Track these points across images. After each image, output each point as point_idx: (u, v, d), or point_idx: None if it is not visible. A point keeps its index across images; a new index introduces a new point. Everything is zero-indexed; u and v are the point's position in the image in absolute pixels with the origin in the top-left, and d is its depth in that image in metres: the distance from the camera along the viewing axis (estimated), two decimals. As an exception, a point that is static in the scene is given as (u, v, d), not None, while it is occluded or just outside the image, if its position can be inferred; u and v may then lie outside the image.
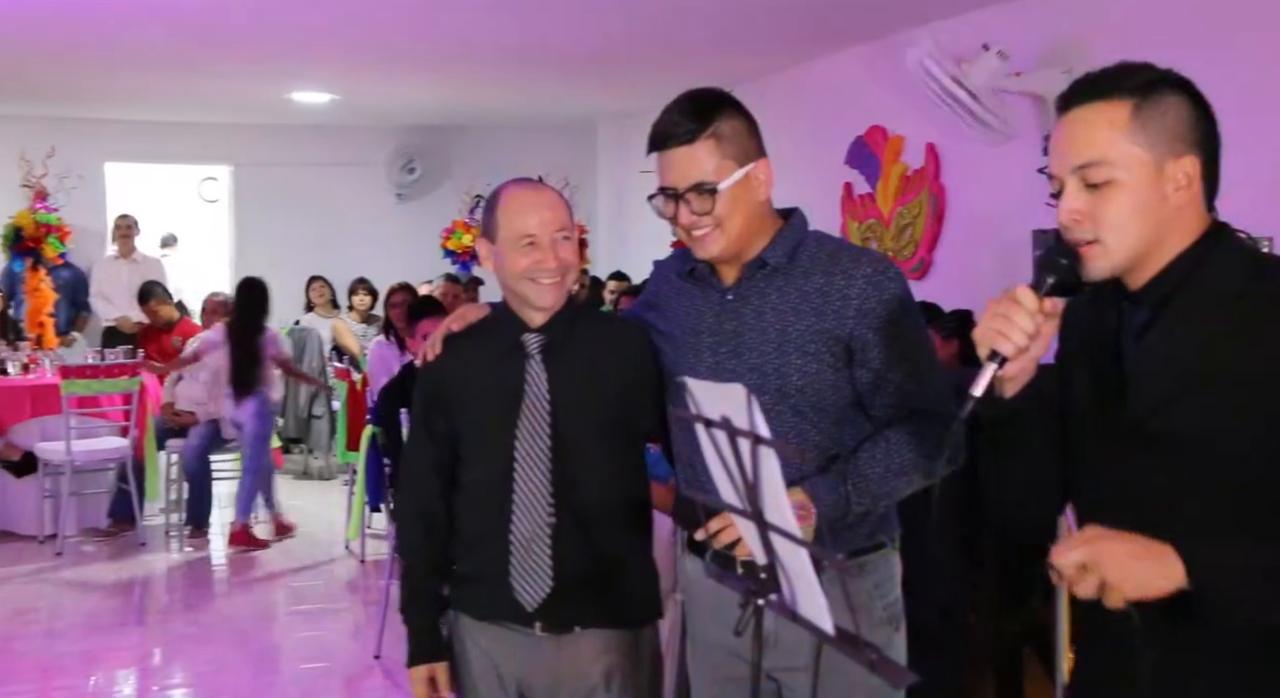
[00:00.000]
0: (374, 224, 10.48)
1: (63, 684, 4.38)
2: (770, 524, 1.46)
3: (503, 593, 2.10)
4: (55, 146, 7.19)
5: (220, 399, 6.54)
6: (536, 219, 2.10)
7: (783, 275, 1.99)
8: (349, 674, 4.58)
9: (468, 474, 2.18)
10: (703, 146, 1.94)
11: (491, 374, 2.15)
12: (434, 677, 2.17)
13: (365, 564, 6.01)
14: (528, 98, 8.64)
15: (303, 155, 10.27)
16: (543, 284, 2.11)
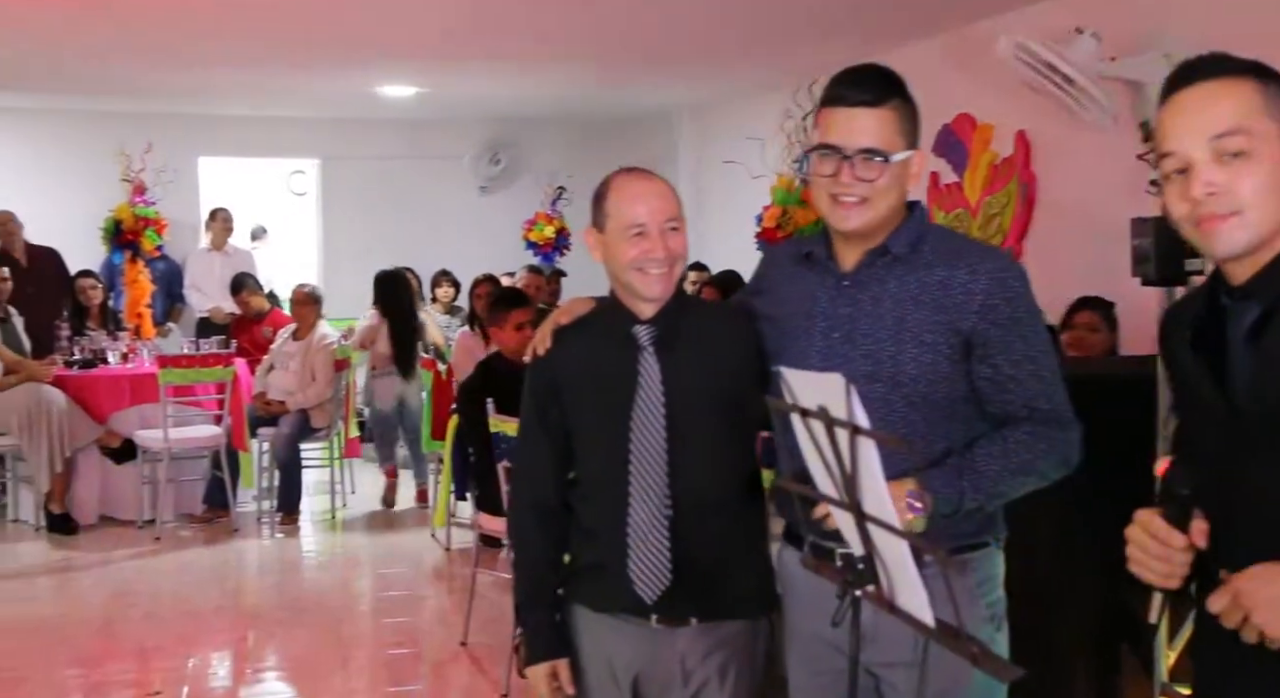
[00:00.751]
0: (457, 216, 10.60)
1: (161, 665, 4.50)
2: (868, 516, 1.45)
3: (620, 585, 2.10)
4: (152, 142, 7.37)
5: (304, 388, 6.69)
6: (645, 208, 2.08)
7: (904, 264, 1.96)
8: (436, 660, 4.64)
9: (583, 467, 2.18)
10: (886, 113, 1.92)
11: (604, 367, 2.14)
12: (556, 673, 2.17)
13: (450, 552, 6.08)
14: (608, 90, 8.66)
15: (388, 149, 10.42)
16: (651, 274, 2.08)
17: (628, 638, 2.14)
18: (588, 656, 2.17)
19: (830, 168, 1.93)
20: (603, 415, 2.13)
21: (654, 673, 2.14)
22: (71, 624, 4.94)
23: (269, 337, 7.56)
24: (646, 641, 2.13)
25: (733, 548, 2.14)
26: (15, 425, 6.13)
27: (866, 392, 1.86)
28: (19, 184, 8.99)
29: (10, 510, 6.57)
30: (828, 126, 1.95)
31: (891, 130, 1.93)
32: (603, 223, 2.13)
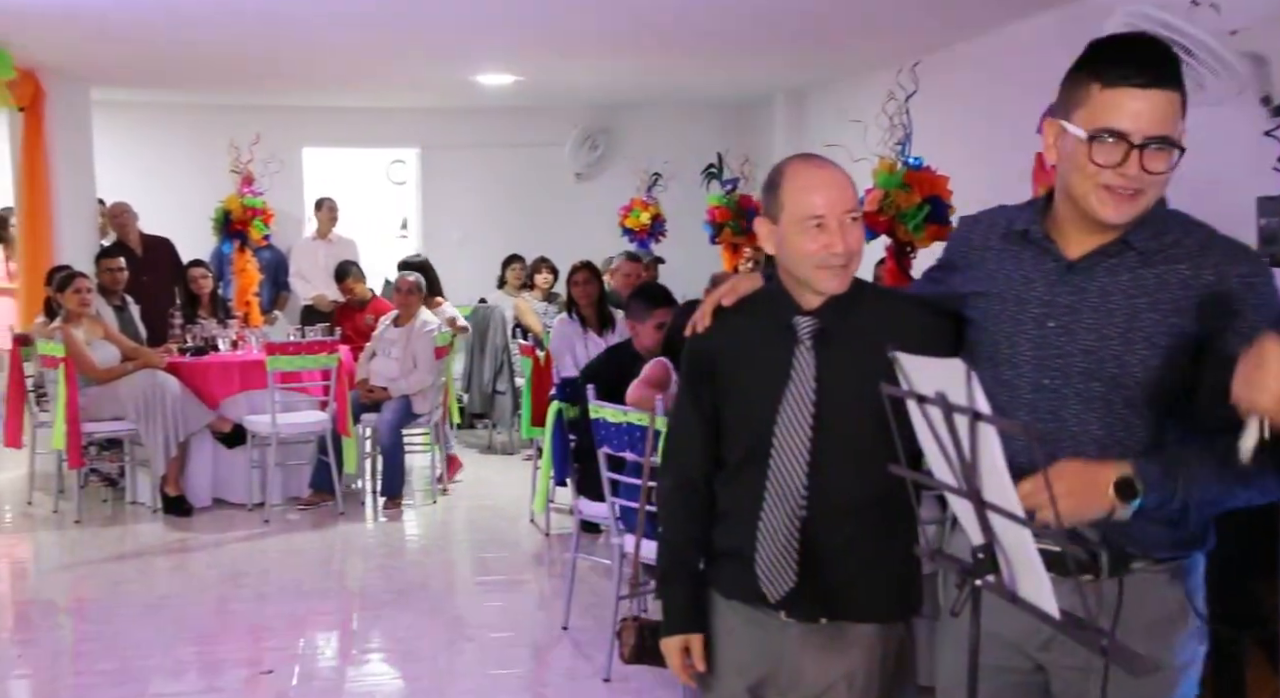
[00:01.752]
0: (554, 203, 10.69)
1: (273, 645, 4.63)
2: (989, 504, 1.42)
3: (749, 577, 2.08)
4: (260, 134, 7.57)
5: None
6: (824, 199, 1.99)
7: (1140, 257, 1.81)
8: (537, 645, 4.69)
9: (728, 452, 2.16)
10: (1175, 98, 1.73)
11: (759, 353, 2.09)
12: (688, 647, 2.16)
13: (550, 538, 6.14)
14: (705, 74, 8.62)
15: (486, 137, 10.54)
16: (830, 269, 2.01)
17: (758, 629, 2.12)
18: (719, 640, 2.16)
19: (1115, 156, 1.73)
20: (750, 403, 2.09)
21: (778, 668, 2.12)
22: (188, 603, 5.10)
23: (371, 324, 7.70)
24: (774, 634, 2.10)
25: (869, 552, 2.07)
26: (133, 411, 6.35)
27: (1083, 390, 1.80)
28: (135, 176, 9.33)
29: (129, 493, 6.80)
30: (1111, 109, 1.73)
31: (1178, 116, 1.75)
32: (776, 213, 2.05)
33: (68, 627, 4.98)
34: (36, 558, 5.96)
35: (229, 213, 7.56)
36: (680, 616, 2.18)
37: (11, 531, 6.37)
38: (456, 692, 4.15)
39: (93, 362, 6.34)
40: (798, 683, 2.11)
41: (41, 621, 5.07)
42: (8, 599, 5.34)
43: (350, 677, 4.41)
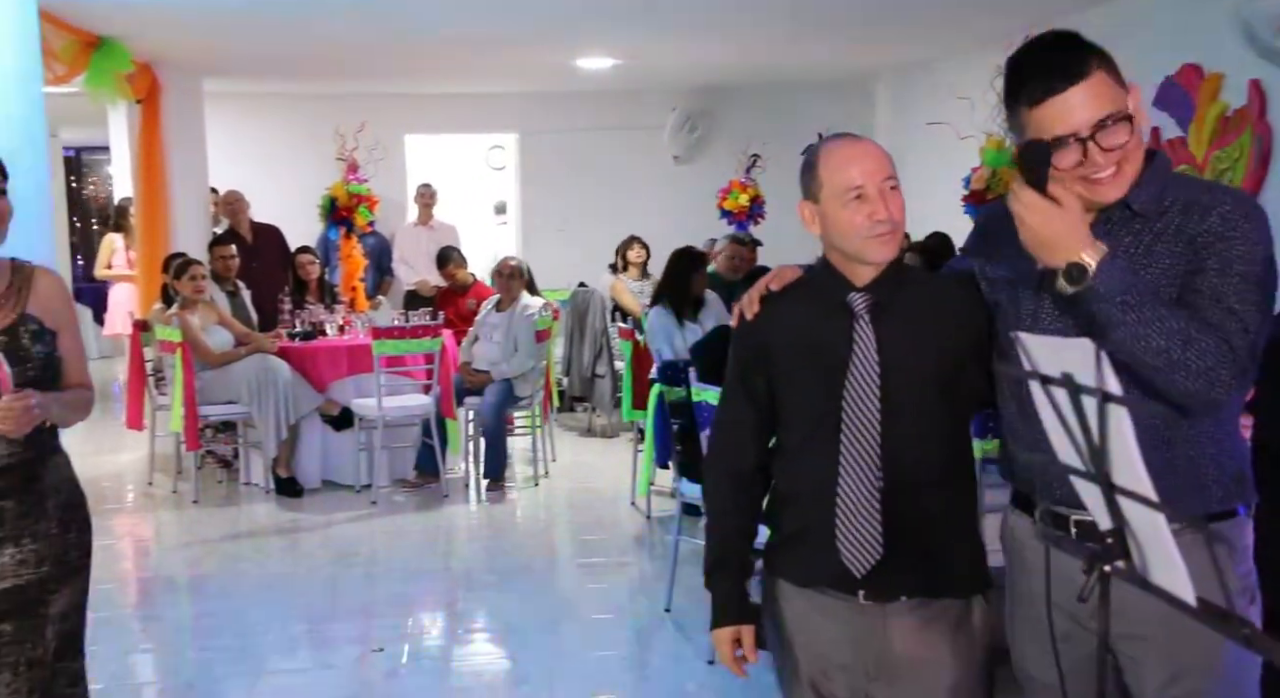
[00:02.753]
0: (652, 186, 10.70)
1: (382, 624, 4.72)
2: (1119, 488, 1.38)
3: (826, 558, 2.06)
4: (364, 121, 7.70)
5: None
6: (860, 169, 2.03)
7: (1141, 221, 1.89)
8: (640, 627, 4.71)
9: (789, 436, 2.15)
10: (1098, 79, 1.83)
11: (816, 335, 2.10)
12: (739, 638, 2.16)
13: (651, 520, 6.16)
14: (805, 55, 8.53)
15: (584, 121, 10.60)
16: (877, 237, 2.03)
17: (834, 616, 2.09)
18: (793, 631, 2.14)
19: (1074, 156, 1.83)
20: (813, 383, 2.10)
21: (862, 654, 2.09)
22: (300, 582, 5.24)
23: (473, 308, 7.80)
24: (853, 618, 2.08)
25: (945, 523, 2.08)
26: (246, 394, 6.53)
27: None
28: (244, 164, 9.60)
29: (242, 474, 7.00)
30: (1048, 123, 1.83)
31: (1111, 88, 1.84)
32: (816, 192, 2.08)
33: (187, 603, 5.16)
34: (157, 536, 6.18)
35: (335, 200, 7.71)
36: (731, 607, 2.18)
37: (134, 510, 6.61)
38: (561, 673, 4.19)
39: (208, 347, 6.53)
40: (884, 667, 2.09)
41: (163, 597, 5.26)
42: (131, 576, 5.54)
43: (457, 656, 4.49)
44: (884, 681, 2.09)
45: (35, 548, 2.43)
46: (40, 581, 2.43)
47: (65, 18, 6.30)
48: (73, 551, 2.54)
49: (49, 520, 2.47)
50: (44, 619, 2.45)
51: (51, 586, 2.47)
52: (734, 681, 4.02)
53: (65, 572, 2.51)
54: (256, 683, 4.13)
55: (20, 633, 2.40)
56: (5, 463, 2.40)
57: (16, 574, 2.39)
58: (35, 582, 2.42)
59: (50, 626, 2.46)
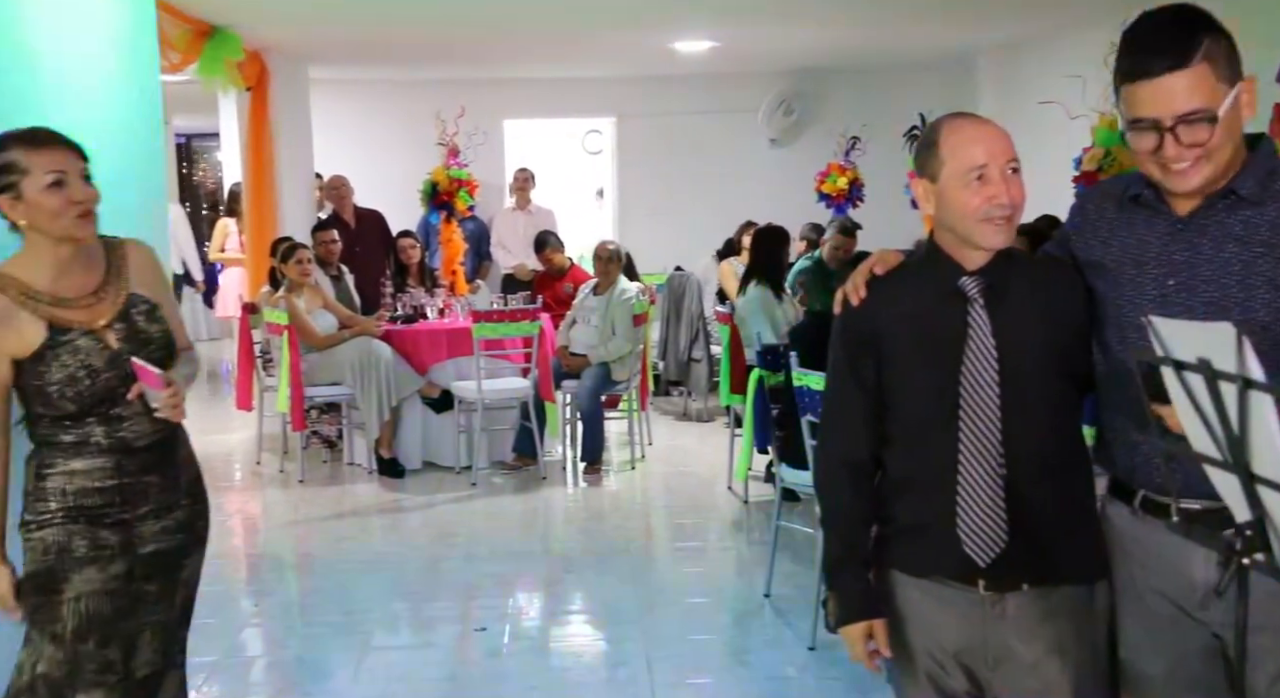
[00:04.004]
0: (749, 170, 10.64)
1: (482, 604, 4.79)
2: (1260, 478, 1.32)
3: (945, 548, 2.02)
4: (464, 106, 7.78)
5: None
6: (984, 150, 1.98)
7: (1250, 206, 1.85)
8: (739, 611, 4.69)
9: (902, 422, 2.11)
10: (1198, 71, 1.79)
11: (927, 319, 2.06)
12: (871, 633, 2.12)
13: (748, 505, 6.13)
14: (904, 35, 8.38)
15: (681, 105, 10.57)
16: (995, 222, 1.98)
17: (951, 607, 2.05)
18: (909, 622, 2.10)
19: (1149, 142, 1.83)
20: (926, 370, 2.05)
21: (981, 646, 2.04)
22: (403, 561, 5.32)
23: (570, 292, 7.84)
24: (972, 609, 2.04)
25: (1067, 509, 2.03)
26: (349, 376, 6.65)
27: None
28: (348, 150, 9.77)
29: (346, 454, 7.15)
30: (1135, 102, 1.83)
31: (1210, 83, 1.80)
32: (935, 171, 2.03)
33: (294, 579, 5.28)
34: (265, 514, 6.34)
35: (436, 185, 7.81)
36: (859, 601, 2.13)
37: (243, 488, 6.79)
38: (660, 656, 4.19)
39: (313, 329, 6.67)
40: (1005, 658, 2.04)
41: (271, 573, 5.39)
42: (241, 553, 5.70)
43: (556, 637, 4.52)
44: (1004, 672, 2.04)
45: (173, 517, 2.58)
46: (177, 547, 2.59)
47: (180, 7, 6.47)
48: (199, 521, 2.68)
49: (181, 493, 2.61)
50: (177, 582, 2.61)
51: (185, 551, 2.63)
52: (835, 667, 4.02)
53: (194, 541, 2.66)
54: (364, 659, 4.21)
55: (161, 592, 2.56)
56: (150, 440, 2.51)
57: (158, 540, 2.54)
58: (173, 548, 2.58)
59: (180, 590, 2.62)
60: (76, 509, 2.44)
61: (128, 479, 2.48)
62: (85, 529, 2.44)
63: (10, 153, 2.37)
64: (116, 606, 2.48)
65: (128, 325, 2.47)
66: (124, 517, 2.48)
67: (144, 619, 2.54)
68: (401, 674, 4.07)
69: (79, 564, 2.44)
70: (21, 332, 2.38)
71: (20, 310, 2.38)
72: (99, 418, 2.43)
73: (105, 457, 2.45)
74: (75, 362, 2.38)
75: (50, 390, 2.38)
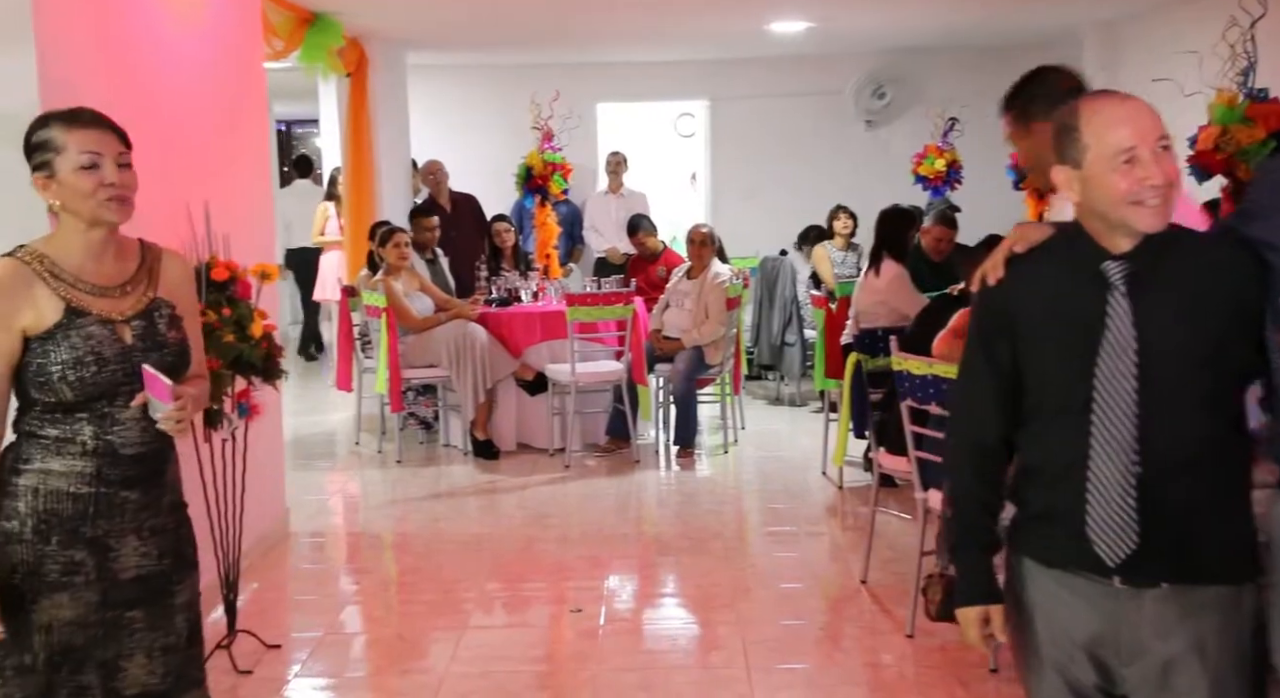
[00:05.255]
0: (843, 152, 10.51)
1: (576, 585, 4.82)
2: None
3: (1077, 542, 1.96)
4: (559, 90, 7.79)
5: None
6: (1132, 130, 1.89)
7: None
8: (835, 597, 4.66)
9: (1034, 408, 2.04)
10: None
11: (1065, 304, 1.98)
12: (988, 618, 2.08)
13: (842, 490, 6.08)
14: (1004, 13, 8.18)
15: (775, 86, 10.47)
16: (1148, 206, 1.89)
17: (1084, 599, 1.99)
18: (1039, 612, 2.05)
19: None
20: (1062, 357, 1.97)
21: (1114, 639, 1.98)
22: (499, 542, 5.38)
23: (663, 276, 7.83)
24: (1107, 602, 1.97)
25: (1209, 507, 1.93)
26: (445, 358, 6.74)
27: None
28: (445, 134, 9.89)
29: (442, 436, 7.26)
30: None
31: None
32: (1079, 157, 1.94)
33: (392, 558, 5.38)
34: (364, 494, 6.46)
35: (530, 168, 7.85)
36: (978, 584, 2.09)
37: (343, 468, 6.92)
38: (754, 639, 4.18)
39: (411, 312, 6.76)
40: (1140, 654, 1.97)
41: (370, 552, 5.49)
42: (341, 531, 5.82)
43: (651, 620, 4.53)
44: (1138, 668, 1.98)
45: (155, 541, 2.44)
46: (164, 572, 2.46)
47: (283, -6, 6.59)
48: (186, 546, 2.55)
49: (164, 515, 2.47)
50: (172, 608, 2.48)
51: (175, 577, 2.49)
52: (934, 654, 3.97)
53: (184, 566, 2.53)
54: (462, 637, 4.27)
55: (151, 620, 2.43)
56: (138, 451, 2.39)
57: (140, 566, 2.41)
58: (159, 573, 2.45)
59: (179, 615, 2.49)
60: (47, 515, 2.31)
61: (105, 489, 2.35)
62: (57, 551, 2.32)
63: (48, 130, 2.32)
64: (90, 636, 2.36)
65: (147, 325, 2.39)
66: (98, 534, 2.35)
67: (131, 645, 2.41)
68: (499, 654, 4.12)
69: (49, 590, 2.31)
70: (38, 306, 2.30)
71: (41, 284, 2.30)
72: (91, 415, 2.33)
73: (87, 460, 2.33)
74: (85, 346, 2.29)
75: (53, 370, 2.28)
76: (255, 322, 3.75)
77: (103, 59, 3.78)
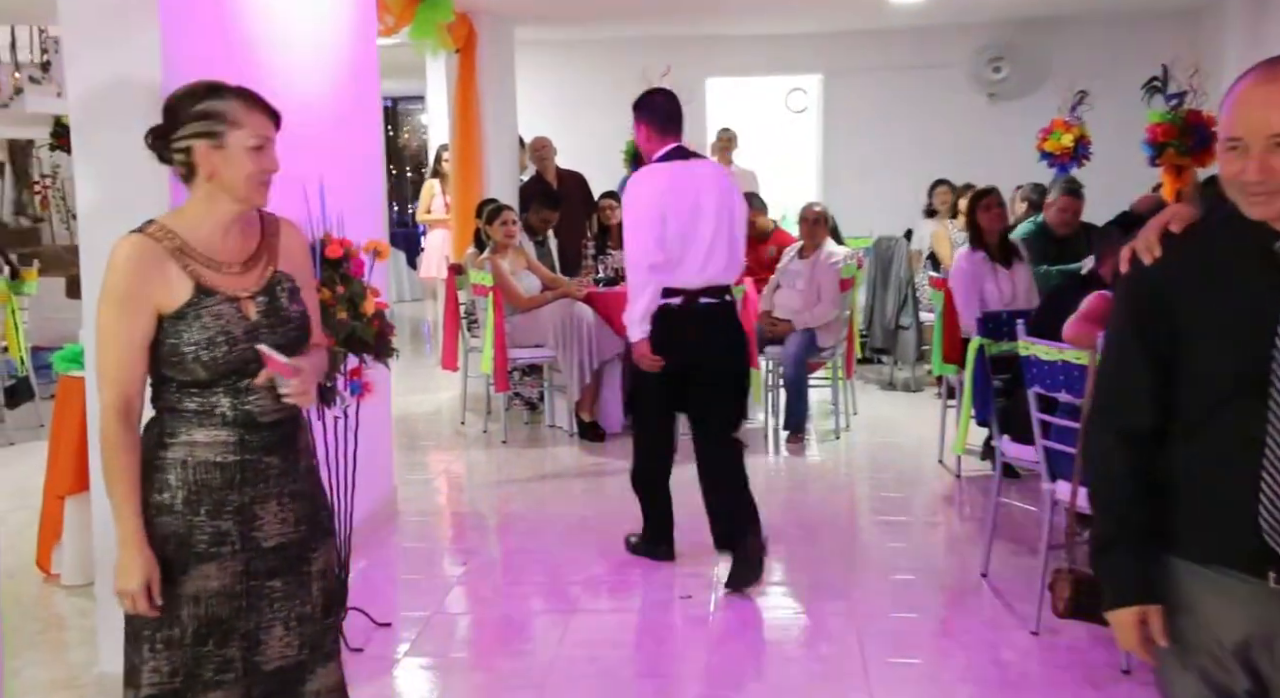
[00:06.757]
0: (964, 127, 10.32)
1: (687, 572, 4.80)
2: None
3: (1238, 534, 1.89)
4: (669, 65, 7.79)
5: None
6: (1245, 119, 1.83)
7: None
8: (953, 590, 4.57)
9: (1195, 397, 1.96)
10: None
11: (1233, 286, 1.91)
12: (1145, 620, 2.01)
13: (960, 480, 5.98)
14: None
15: (892, 60, 10.32)
16: (1251, 196, 1.84)
17: (1237, 599, 1.91)
18: (1181, 614, 1.98)
19: None
20: (1229, 341, 1.89)
21: (1267, 641, 1.90)
22: (604, 525, 5.40)
23: (773, 256, 7.77)
24: (1259, 602, 1.89)
25: None
26: (552, 338, 6.79)
27: None
28: (552, 111, 9.95)
29: (547, 416, 7.32)
30: None
31: None
32: (1220, 131, 1.90)
33: (497, 539, 5.45)
34: (469, 474, 6.55)
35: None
36: (1133, 584, 2.01)
37: (448, 447, 7.04)
38: (869, 632, 4.14)
39: (518, 291, 6.83)
40: None
41: (475, 532, 5.58)
42: (446, 512, 5.92)
43: (763, 607, 4.51)
44: None
45: (294, 508, 2.49)
46: (301, 540, 2.51)
47: (395, -29, 6.69)
48: (322, 511, 2.61)
49: (301, 480, 2.53)
50: (309, 576, 2.52)
51: (311, 545, 2.54)
52: (1061, 653, 3.88)
53: (320, 533, 2.58)
54: (570, 620, 4.31)
55: (289, 589, 2.48)
56: (274, 418, 2.45)
57: (281, 533, 2.47)
58: (297, 541, 2.50)
59: (315, 583, 2.54)
60: (197, 486, 2.38)
61: (249, 456, 2.42)
62: (206, 521, 2.39)
63: (225, 102, 2.37)
64: (234, 606, 2.42)
65: (270, 300, 2.44)
66: (245, 502, 2.42)
67: (270, 616, 2.46)
68: (609, 639, 4.15)
69: (198, 560, 2.38)
70: (171, 285, 2.34)
71: (171, 262, 2.35)
72: (226, 388, 2.38)
73: (229, 430, 2.39)
74: (216, 326, 2.35)
75: (186, 351, 2.34)
76: (368, 299, 3.82)
77: (222, 35, 3.87)
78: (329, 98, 4.74)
